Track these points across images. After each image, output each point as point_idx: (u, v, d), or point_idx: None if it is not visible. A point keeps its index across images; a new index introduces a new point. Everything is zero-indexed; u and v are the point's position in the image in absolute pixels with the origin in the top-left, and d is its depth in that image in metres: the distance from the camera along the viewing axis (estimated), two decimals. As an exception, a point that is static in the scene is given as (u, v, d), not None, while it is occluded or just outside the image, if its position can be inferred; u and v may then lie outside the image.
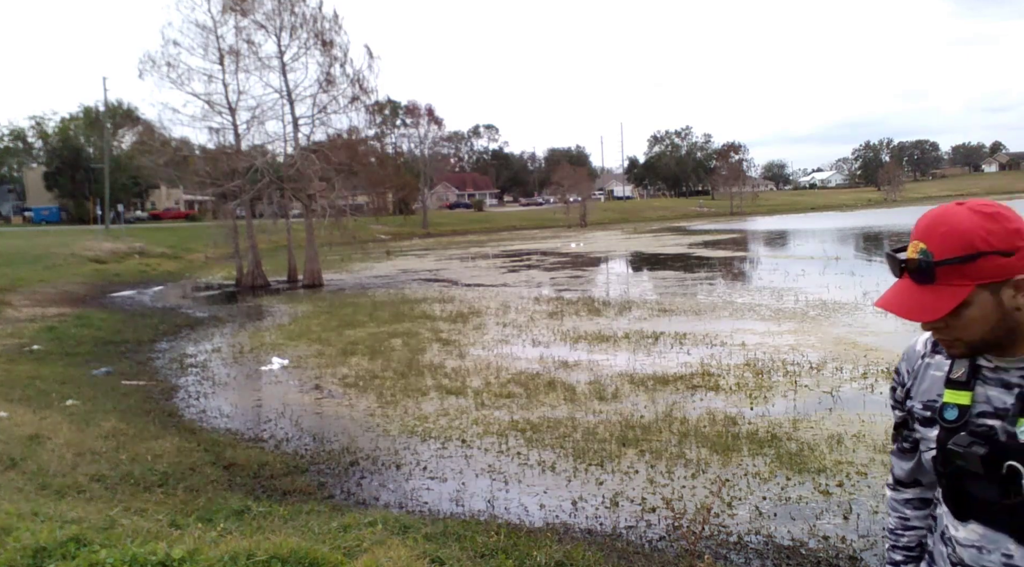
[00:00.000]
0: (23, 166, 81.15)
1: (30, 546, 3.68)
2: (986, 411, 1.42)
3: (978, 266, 1.32)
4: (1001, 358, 1.42)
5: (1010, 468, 1.35)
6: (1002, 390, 1.42)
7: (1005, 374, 1.42)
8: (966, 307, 1.35)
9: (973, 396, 1.44)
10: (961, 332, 1.38)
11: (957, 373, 1.48)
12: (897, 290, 1.40)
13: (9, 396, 9.25)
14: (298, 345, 14.30)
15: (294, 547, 3.79)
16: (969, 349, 1.40)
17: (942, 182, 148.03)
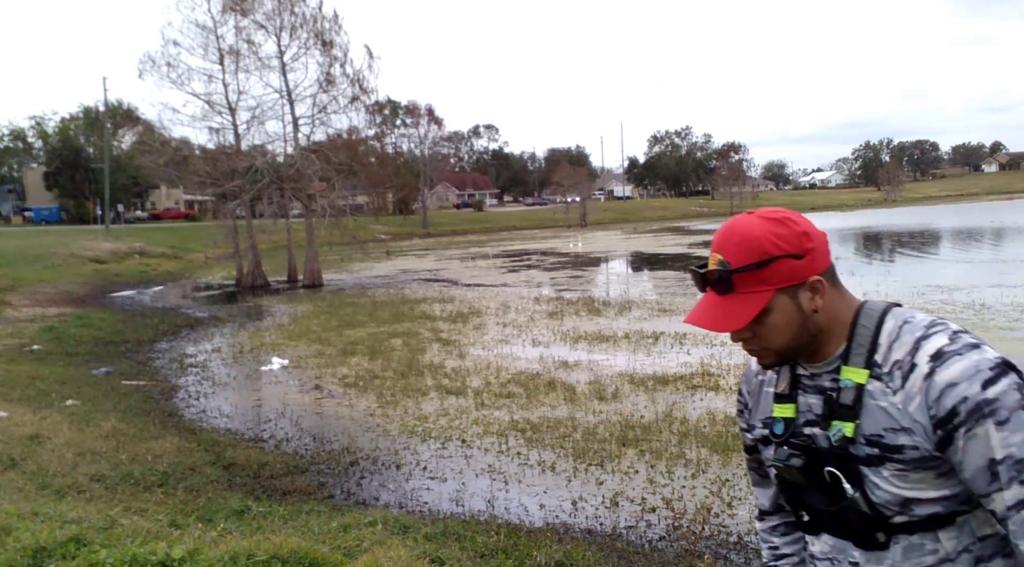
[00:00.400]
0: (23, 166, 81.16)
1: (30, 546, 3.68)
2: (809, 420, 1.43)
3: (773, 271, 1.34)
4: (813, 364, 1.43)
5: (830, 473, 1.37)
6: (818, 397, 1.43)
7: (819, 380, 1.43)
8: (768, 314, 1.36)
9: (797, 407, 1.46)
10: (767, 340, 1.39)
11: (781, 387, 1.49)
12: (703, 304, 1.40)
13: (9, 396, 9.25)
14: (298, 345, 14.30)
15: (294, 547, 3.79)
16: (777, 357, 1.41)
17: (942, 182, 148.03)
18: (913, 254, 29.02)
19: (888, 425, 1.32)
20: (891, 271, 22.89)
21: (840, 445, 1.36)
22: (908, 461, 1.31)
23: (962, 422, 1.25)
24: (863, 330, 1.39)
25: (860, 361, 1.37)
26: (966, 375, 1.26)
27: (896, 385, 1.32)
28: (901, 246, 33.17)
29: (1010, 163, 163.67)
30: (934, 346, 1.30)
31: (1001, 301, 15.04)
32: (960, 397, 1.25)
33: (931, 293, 16.73)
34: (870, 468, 1.34)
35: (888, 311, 1.40)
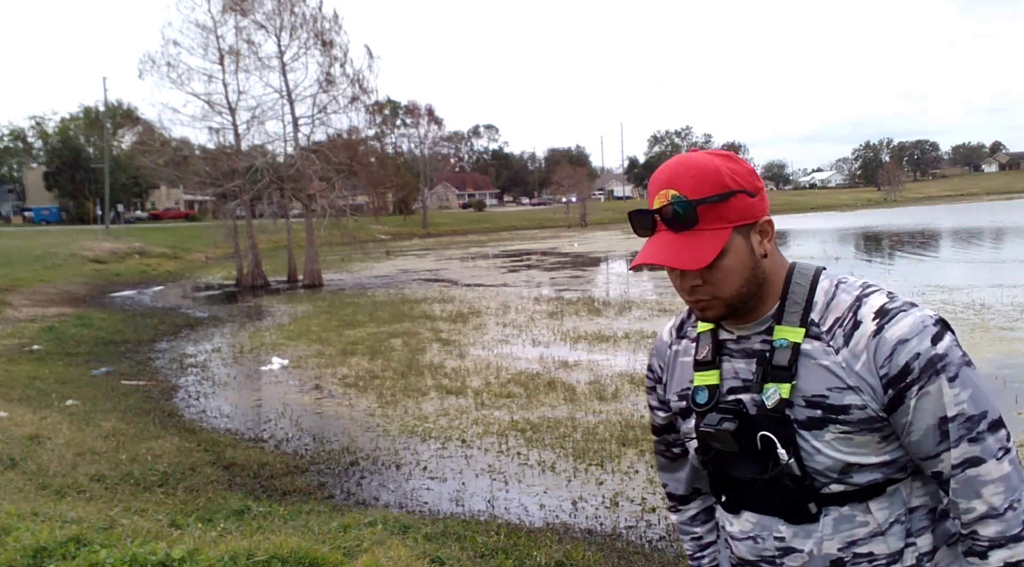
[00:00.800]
0: (23, 166, 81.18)
1: (30, 546, 3.68)
2: (735, 386, 1.35)
3: (732, 206, 1.26)
4: (743, 325, 1.36)
5: (764, 439, 1.29)
6: (746, 360, 1.35)
7: (747, 343, 1.36)
8: (724, 256, 1.27)
9: (721, 374, 1.38)
10: (719, 287, 1.29)
11: (702, 353, 1.41)
12: (657, 243, 1.28)
13: (9, 396, 9.25)
14: (298, 345, 14.30)
15: (294, 547, 3.79)
16: (726, 307, 1.31)
17: (942, 182, 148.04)
18: (913, 254, 29.02)
19: (832, 385, 1.25)
20: (891, 271, 22.89)
21: (776, 408, 1.28)
22: (854, 422, 1.24)
23: (915, 379, 1.21)
24: (797, 287, 1.33)
25: (795, 319, 1.31)
26: (915, 330, 1.22)
27: (839, 343, 1.26)
28: (901, 246, 33.17)
29: (1010, 163, 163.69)
30: (876, 303, 1.26)
31: (1001, 301, 15.05)
32: (912, 353, 1.21)
33: (931, 293, 16.73)
34: (809, 432, 1.27)
35: (820, 271, 1.36)
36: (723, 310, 1.31)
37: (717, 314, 1.32)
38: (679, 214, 1.26)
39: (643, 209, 1.31)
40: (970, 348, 10.87)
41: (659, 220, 1.29)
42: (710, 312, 1.32)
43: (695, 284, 1.30)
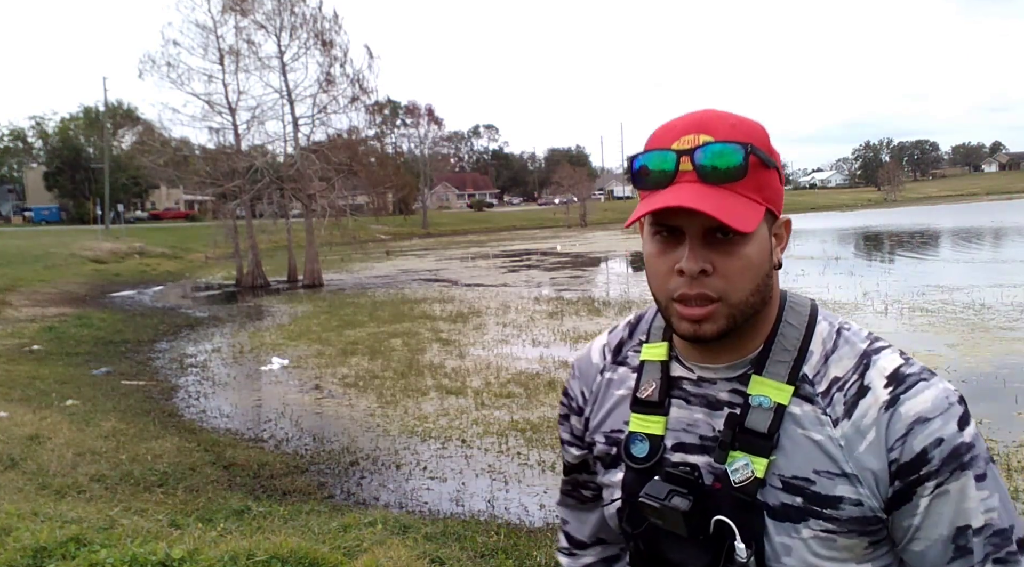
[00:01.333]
0: (23, 166, 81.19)
1: (30, 546, 3.68)
2: (687, 443, 1.02)
3: (770, 179, 0.95)
4: (710, 364, 1.02)
5: (719, 524, 0.96)
6: (707, 412, 1.01)
7: (711, 388, 1.02)
8: (748, 242, 0.94)
9: (667, 422, 1.04)
10: (734, 283, 0.94)
11: (646, 390, 1.06)
12: (685, 190, 0.92)
13: (9, 396, 9.25)
14: (298, 345, 14.30)
15: (294, 547, 3.79)
16: (729, 320, 0.95)
17: (942, 182, 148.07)
18: (913, 254, 29.02)
19: (822, 467, 0.94)
20: (891, 271, 22.89)
21: (744, 487, 0.96)
22: (843, 521, 0.94)
23: (933, 472, 0.91)
24: (789, 330, 1.01)
25: (782, 372, 0.98)
26: (939, 408, 0.92)
27: (837, 413, 0.95)
28: (901, 246, 33.17)
29: (1010, 163, 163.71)
30: (889, 365, 0.96)
31: (1001, 301, 15.05)
32: (933, 437, 0.91)
33: (931, 293, 16.73)
34: (782, 524, 0.95)
35: (817, 310, 1.04)
36: (725, 323, 0.95)
37: (717, 328, 0.95)
38: (726, 156, 0.91)
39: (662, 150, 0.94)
40: (970, 348, 10.91)
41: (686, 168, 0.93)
42: (708, 325, 0.95)
43: (704, 269, 0.93)
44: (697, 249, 0.93)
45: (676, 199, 0.90)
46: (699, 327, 0.96)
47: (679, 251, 0.95)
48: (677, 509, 0.97)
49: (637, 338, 1.15)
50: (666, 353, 1.08)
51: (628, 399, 1.09)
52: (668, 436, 1.04)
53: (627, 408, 1.09)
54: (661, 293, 0.98)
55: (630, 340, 1.16)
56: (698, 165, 0.92)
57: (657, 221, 0.96)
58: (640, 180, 0.97)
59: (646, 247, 1.00)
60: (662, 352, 1.09)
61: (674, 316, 0.97)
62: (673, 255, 0.95)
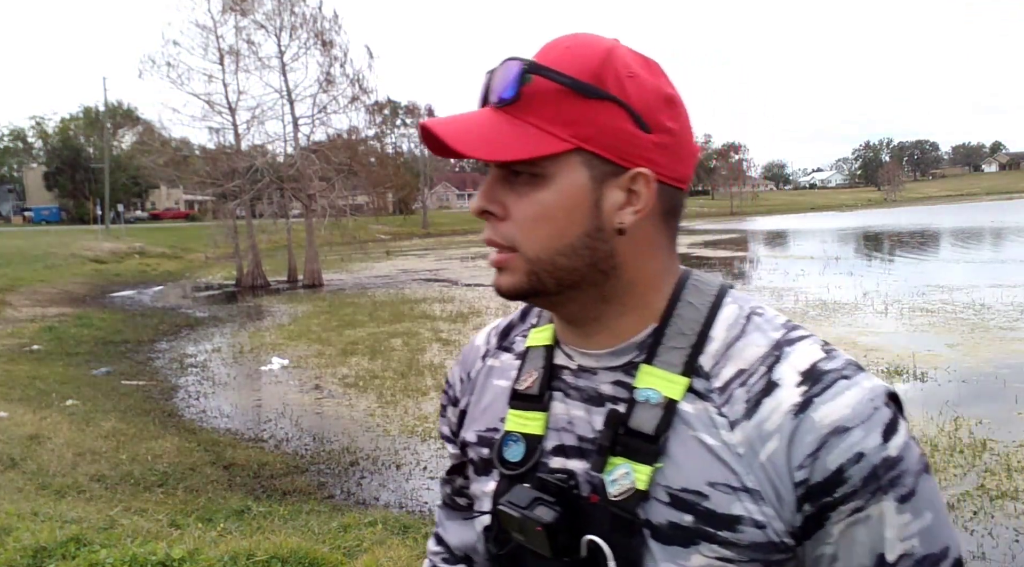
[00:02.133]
0: (23, 166, 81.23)
1: (30, 546, 3.68)
2: (567, 445, 0.84)
3: (594, 114, 0.77)
4: (587, 348, 0.85)
5: (592, 546, 0.78)
6: (587, 408, 0.84)
7: (592, 379, 0.84)
8: (546, 185, 0.78)
9: (548, 420, 0.86)
10: (524, 232, 0.79)
11: (526, 381, 0.89)
12: (466, 115, 0.81)
13: (9, 396, 9.25)
14: (298, 345, 14.30)
15: (294, 547, 3.79)
16: (528, 276, 0.81)
17: (942, 182, 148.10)
18: (913, 254, 29.03)
19: (717, 479, 0.76)
20: (891, 271, 22.90)
21: (624, 501, 0.78)
22: (743, 547, 0.75)
23: (850, 494, 0.73)
24: (688, 310, 0.82)
25: (676, 360, 0.80)
26: (861, 414, 0.74)
27: (736, 413, 0.77)
28: (901, 246, 33.18)
29: (1010, 163, 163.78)
30: (805, 358, 0.78)
31: (1001, 301, 15.05)
32: (852, 452, 0.73)
33: (931, 293, 16.73)
34: (668, 548, 0.77)
35: (726, 291, 0.85)
36: (525, 280, 0.81)
37: (514, 282, 0.82)
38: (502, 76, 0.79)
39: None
40: (970, 348, 10.91)
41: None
42: (504, 276, 0.82)
43: (487, 210, 0.81)
44: (488, 187, 0.82)
45: (432, 120, 0.79)
46: (497, 279, 0.83)
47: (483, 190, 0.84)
48: (539, 521, 0.78)
49: (529, 321, 0.98)
50: (551, 336, 0.90)
51: (507, 391, 0.92)
52: (548, 437, 0.85)
53: (505, 403, 0.91)
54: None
55: (521, 323, 1.00)
56: (487, 88, 0.81)
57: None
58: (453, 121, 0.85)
59: None
60: (547, 335, 0.91)
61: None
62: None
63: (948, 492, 5.94)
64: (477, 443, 0.94)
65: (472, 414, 0.96)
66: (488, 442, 0.92)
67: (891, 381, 9.27)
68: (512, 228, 0.80)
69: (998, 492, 5.90)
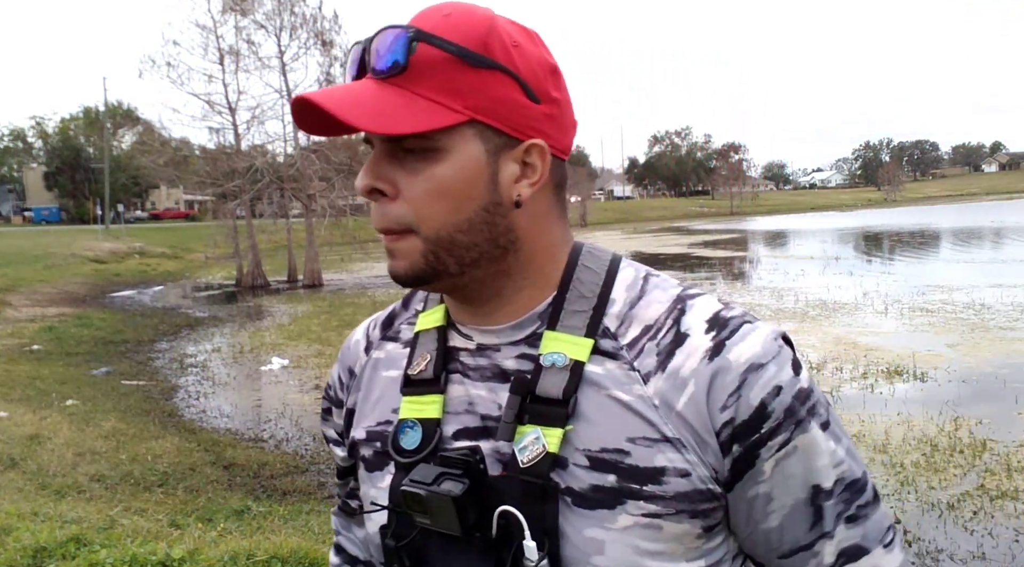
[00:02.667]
0: (23, 166, 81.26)
1: (30, 546, 3.68)
2: (470, 428, 0.81)
3: (484, 84, 0.74)
4: (488, 326, 0.83)
5: (505, 518, 0.74)
6: (491, 386, 0.81)
7: (494, 357, 0.82)
8: (441, 159, 0.75)
9: (445, 403, 0.83)
10: (420, 209, 0.75)
11: (419, 366, 0.85)
12: (347, 87, 0.75)
13: (9, 396, 9.25)
14: (298, 345, 14.30)
15: (294, 547, 3.79)
16: (425, 258, 0.77)
17: (942, 182, 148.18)
18: (913, 254, 29.03)
19: (636, 433, 0.75)
20: (891, 271, 22.90)
21: (535, 467, 0.75)
22: (669, 499, 0.74)
23: (776, 427, 0.74)
24: (586, 274, 0.82)
25: (578, 323, 0.79)
26: (770, 351, 0.75)
27: (648, 366, 0.77)
28: (901, 246, 33.19)
29: (1010, 163, 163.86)
30: (707, 309, 0.79)
31: (1001, 301, 15.04)
32: (772, 386, 0.74)
33: (931, 293, 16.73)
34: (593, 513, 0.75)
35: (620, 258, 0.85)
36: (422, 262, 0.77)
37: (410, 265, 0.78)
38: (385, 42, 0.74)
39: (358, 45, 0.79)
40: (970, 348, 10.91)
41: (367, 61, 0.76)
42: (399, 260, 0.78)
43: (381, 190, 0.76)
44: (374, 164, 0.76)
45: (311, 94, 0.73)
46: (393, 264, 0.79)
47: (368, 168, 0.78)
48: (448, 496, 0.74)
49: (412, 308, 0.94)
50: (443, 318, 0.87)
51: (398, 380, 0.87)
52: (447, 421, 0.82)
53: (398, 393, 0.87)
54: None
55: (404, 311, 0.95)
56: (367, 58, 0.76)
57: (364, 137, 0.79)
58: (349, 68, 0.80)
59: None
60: (438, 317, 0.87)
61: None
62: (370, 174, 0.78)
63: (948, 492, 5.94)
64: (368, 439, 0.89)
65: (361, 411, 0.91)
66: (379, 436, 0.87)
67: (891, 381, 9.28)
68: (404, 208, 0.76)
69: (998, 492, 5.90)
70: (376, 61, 0.75)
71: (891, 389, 8.91)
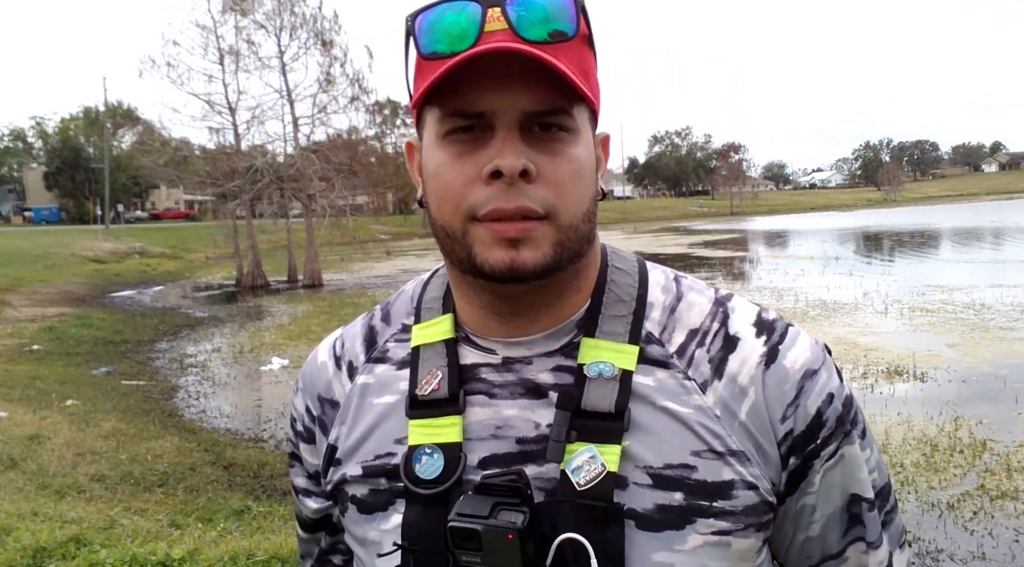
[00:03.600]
0: (23, 166, 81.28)
1: (30, 546, 3.68)
2: (500, 454, 0.72)
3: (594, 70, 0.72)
4: (513, 335, 0.74)
5: (565, 548, 0.67)
6: (526, 403, 0.73)
7: (525, 370, 0.74)
8: (575, 140, 0.69)
9: (464, 427, 0.73)
10: (560, 195, 0.68)
11: (429, 386, 0.75)
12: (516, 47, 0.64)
13: (9, 396, 9.25)
14: (298, 345, 14.30)
15: (294, 547, 3.79)
16: (555, 250, 0.68)
17: (942, 182, 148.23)
18: (913, 254, 29.03)
19: (702, 447, 0.70)
20: (891, 271, 22.90)
21: (595, 489, 0.68)
22: (739, 514, 0.70)
23: (828, 437, 0.72)
24: (620, 276, 0.77)
25: (620, 329, 0.73)
26: (818, 357, 0.74)
27: (703, 375, 0.72)
28: (901, 246, 33.19)
29: (1010, 163, 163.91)
30: (749, 311, 0.76)
31: (1001, 301, 15.04)
32: (825, 393, 0.72)
33: (931, 293, 16.73)
34: (660, 535, 0.69)
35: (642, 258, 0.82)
36: (551, 253, 0.68)
37: (542, 257, 0.68)
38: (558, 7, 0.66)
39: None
40: (970, 348, 10.91)
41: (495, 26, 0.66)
42: (529, 251, 0.68)
43: (527, 170, 0.66)
44: (516, 143, 0.66)
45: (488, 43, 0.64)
46: (517, 255, 0.67)
47: (485, 152, 0.66)
48: (510, 528, 0.65)
49: (397, 323, 0.82)
50: (451, 328, 0.77)
51: (400, 406, 0.77)
52: (470, 448, 0.73)
53: (400, 420, 0.76)
54: (455, 216, 0.68)
55: (387, 327, 0.83)
56: (514, 15, 0.65)
57: (454, 109, 0.67)
58: (427, 42, 0.67)
59: (433, 156, 0.70)
60: (445, 328, 0.77)
61: (477, 244, 0.68)
62: (476, 158, 0.67)
63: (948, 492, 5.94)
64: (364, 475, 0.77)
65: (350, 445, 0.79)
66: (383, 470, 0.76)
67: (891, 381, 9.28)
68: (547, 191, 0.67)
69: (998, 492, 5.89)
70: (535, 25, 0.65)
71: (891, 389, 8.91)
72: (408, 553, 0.72)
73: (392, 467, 0.75)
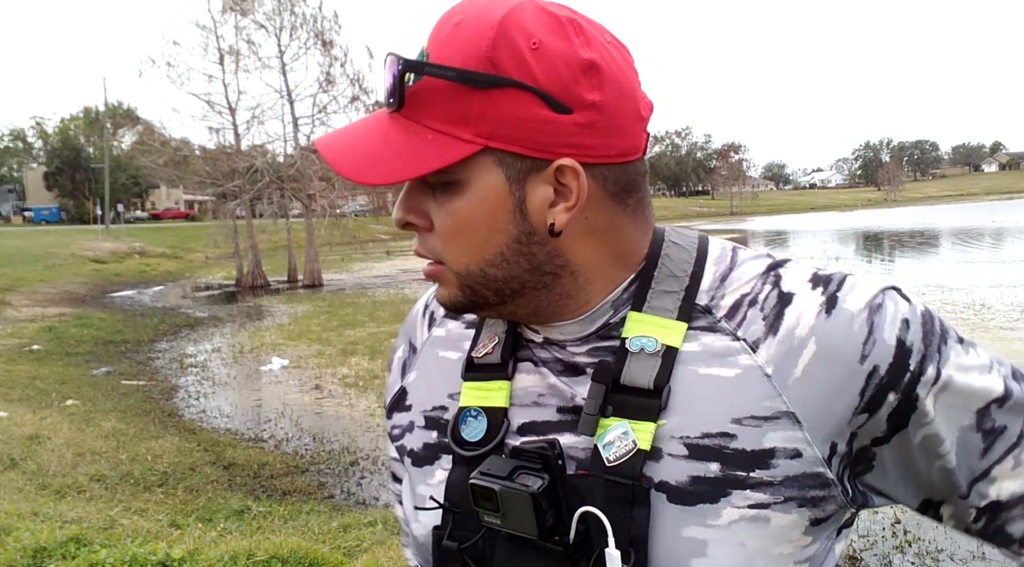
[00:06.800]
0: (23, 166, 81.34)
1: (30, 546, 3.68)
2: (539, 421, 0.73)
3: (494, 105, 0.65)
4: (547, 324, 0.74)
5: (585, 521, 0.66)
6: (567, 377, 0.73)
7: (562, 353, 0.74)
8: (458, 191, 0.68)
9: (511, 392, 0.75)
10: (444, 247, 0.71)
11: (484, 349, 0.78)
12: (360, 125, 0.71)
13: (9, 396, 9.25)
14: (298, 345, 14.30)
15: (294, 547, 3.80)
16: (463, 291, 0.72)
17: (942, 182, 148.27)
18: (913, 254, 29.04)
19: (746, 412, 0.67)
20: (891, 271, 22.91)
21: (624, 465, 0.67)
22: (778, 485, 0.66)
23: (922, 360, 0.67)
24: (676, 250, 0.74)
25: (670, 305, 0.71)
26: (880, 291, 0.70)
27: (756, 333, 0.69)
28: (901, 246, 33.20)
29: (1010, 163, 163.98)
30: (804, 270, 0.72)
31: (1001, 301, 15.05)
32: (900, 319, 0.67)
33: (931, 293, 16.73)
34: (693, 509, 0.66)
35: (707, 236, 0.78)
36: (460, 294, 0.72)
37: (449, 296, 0.73)
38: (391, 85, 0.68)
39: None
40: (970, 348, 10.92)
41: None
42: (441, 289, 0.74)
43: (413, 223, 0.72)
44: (407, 196, 0.72)
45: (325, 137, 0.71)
46: (436, 291, 0.75)
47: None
48: (525, 492, 0.65)
49: None
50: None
51: (459, 365, 0.79)
52: (514, 413, 0.74)
53: (457, 377, 0.79)
54: None
55: None
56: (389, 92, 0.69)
57: None
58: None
59: None
60: None
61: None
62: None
63: (948, 492, 5.94)
64: (423, 426, 0.80)
65: (416, 392, 0.83)
66: (435, 423, 0.79)
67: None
68: (434, 240, 0.71)
69: (998, 492, 5.90)
70: (383, 94, 0.70)
71: (891, 389, 8.91)
72: (448, 513, 0.74)
73: (444, 422, 0.79)
